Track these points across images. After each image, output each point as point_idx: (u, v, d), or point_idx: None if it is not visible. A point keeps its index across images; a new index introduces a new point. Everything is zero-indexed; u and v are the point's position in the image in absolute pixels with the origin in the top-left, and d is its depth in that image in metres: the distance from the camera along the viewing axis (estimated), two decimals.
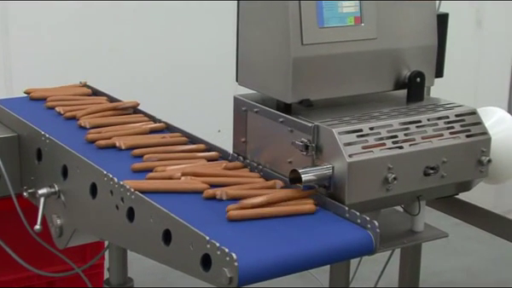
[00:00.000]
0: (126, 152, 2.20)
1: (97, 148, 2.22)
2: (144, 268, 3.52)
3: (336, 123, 1.95)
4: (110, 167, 2.00)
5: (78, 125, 2.39)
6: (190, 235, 1.66)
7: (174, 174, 2.02)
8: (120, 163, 2.12)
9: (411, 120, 2.02)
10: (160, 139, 2.28)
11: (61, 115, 2.50)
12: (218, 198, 1.90)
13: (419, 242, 2.31)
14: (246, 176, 2.04)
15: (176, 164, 2.09)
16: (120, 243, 2.05)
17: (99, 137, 2.28)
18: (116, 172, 1.96)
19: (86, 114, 2.47)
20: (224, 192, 1.91)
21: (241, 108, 2.16)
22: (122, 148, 2.23)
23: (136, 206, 1.86)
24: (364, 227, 1.78)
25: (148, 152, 2.17)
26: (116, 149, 2.23)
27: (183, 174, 2.02)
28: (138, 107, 2.55)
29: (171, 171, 2.04)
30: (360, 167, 1.87)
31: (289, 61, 1.98)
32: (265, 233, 1.75)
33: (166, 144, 2.26)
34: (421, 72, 2.14)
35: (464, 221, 2.37)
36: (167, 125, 2.41)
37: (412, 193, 2.01)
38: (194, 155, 2.17)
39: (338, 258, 1.76)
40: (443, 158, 2.00)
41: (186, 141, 2.28)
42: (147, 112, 2.50)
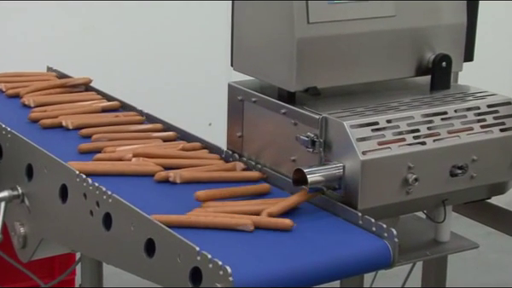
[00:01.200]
0: (74, 133, 2.28)
1: (42, 128, 2.26)
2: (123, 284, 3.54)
3: (348, 115, 1.96)
4: (54, 148, 2.06)
5: (22, 104, 2.45)
6: (177, 245, 1.68)
7: (124, 155, 2.09)
8: (66, 144, 2.17)
9: (436, 111, 2.03)
10: (112, 118, 2.36)
11: (3, 92, 2.54)
12: (171, 181, 1.96)
13: (444, 254, 2.33)
14: (204, 158, 2.11)
15: (128, 144, 2.16)
16: (95, 254, 2.07)
17: (44, 116, 2.33)
18: (61, 153, 2.02)
19: (31, 92, 2.51)
20: (177, 174, 1.97)
21: (236, 98, 2.18)
22: (69, 128, 2.31)
23: (113, 211, 1.88)
24: (381, 237, 1.80)
25: (97, 132, 2.24)
26: (63, 129, 2.30)
27: (134, 155, 2.09)
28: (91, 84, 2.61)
29: (122, 152, 2.11)
30: (376, 166, 1.89)
31: (293, 43, 1.99)
32: (263, 243, 1.77)
33: (119, 123, 2.33)
34: (448, 56, 2.16)
35: (498, 229, 2.39)
36: (122, 104, 2.48)
37: (436, 197, 2.02)
38: (148, 135, 2.26)
39: (349, 273, 1.78)
40: (473, 155, 2.02)
41: (142, 121, 2.36)
42: (100, 90, 2.56)
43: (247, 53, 2.14)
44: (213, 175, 2.02)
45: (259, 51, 2.10)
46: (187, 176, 1.99)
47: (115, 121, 2.35)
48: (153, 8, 4.06)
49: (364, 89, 2.15)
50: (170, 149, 2.16)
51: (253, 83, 2.18)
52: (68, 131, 2.31)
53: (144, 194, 1.95)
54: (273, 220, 1.81)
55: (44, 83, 2.58)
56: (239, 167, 2.06)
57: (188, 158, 2.10)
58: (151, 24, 4.10)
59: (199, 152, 2.16)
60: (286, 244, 1.77)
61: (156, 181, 2.01)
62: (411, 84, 2.23)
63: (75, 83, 2.60)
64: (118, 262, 1.90)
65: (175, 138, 2.26)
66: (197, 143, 2.21)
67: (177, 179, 1.98)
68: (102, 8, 3.95)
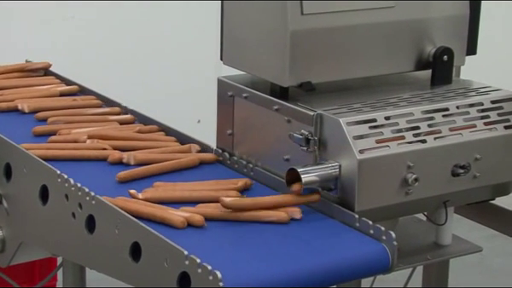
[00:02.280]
0: (30, 116, 2.37)
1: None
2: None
3: (344, 112, 1.97)
4: (9, 131, 2.13)
5: None
6: (164, 249, 1.68)
7: (79, 137, 2.19)
8: (22, 127, 2.27)
9: (437, 108, 2.04)
10: (70, 102, 2.48)
11: None
12: (124, 163, 2.05)
13: (446, 258, 2.34)
14: (159, 140, 2.22)
15: (84, 127, 2.27)
16: (77, 259, 2.07)
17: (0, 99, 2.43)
18: (15, 137, 2.08)
19: None
20: (131, 156, 2.05)
21: (226, 93, 2.18)
22: (25, 112, 2.41)
23: (97, 214, 1.88)
24: (379, 240, 1.80)
25: (53, 115, 2.35)
26: (19, 113, 2.39)
27: (88, 137, 2.18)
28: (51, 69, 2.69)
29: (76, 134, 2.21)
30: (373, 165, 1.90)
31: (286, 35, 2.00)
32: (255, 246, 1.78)
33: (76, 107, 2.44)
34: (449, 49, 2.17)
35: (502, 232, 2.40)
36: (81, 88, 2.59)
37: (437, 198, 2.03)
38: (105, 118, 2.36)
39: (346, 277, 1.79)
40: (475, 154, 2.03)
41: (100, 104, 2.47)
42: (59, 74, 2.67)
43: (238, 46, 2.14)
44: (167, 157, 2.10)
45: (251, 44, 2.10)
46: (140, 158, 2.08)
47: (72, 105, 2.46)
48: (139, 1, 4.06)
49: (362, 84, 2.16)
50: (125, 131, 2.27)
51: (244, 77, 2.18)
52: (24, 115, 2.41)
53: (97, 176, 2.03)
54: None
55: (1, 68, 2.68)
56: (194, 149, 2.15)
57: (143, 141, 2.20)
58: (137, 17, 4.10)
59: (154, 135, 2.25)
60: (279, 247, 1.77)
61: (110, 163, 2.10)
62: (411, 79, 2.23)
63: (34, 67, 2.68)
64: (102, 266, 1.91)
65: (132, 121, 2.37)
66: (154, 126, 2.31)
67: (131, 160, 2.07)
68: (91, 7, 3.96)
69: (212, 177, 2.06)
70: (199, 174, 2.09)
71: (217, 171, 2.13)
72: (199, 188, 1.98)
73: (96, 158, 2.14)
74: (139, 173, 2.04)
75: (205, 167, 2.14)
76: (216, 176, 2.07)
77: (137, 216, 1.82)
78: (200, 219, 1.83)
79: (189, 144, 2.19)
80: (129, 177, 2.02)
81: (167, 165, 2.09)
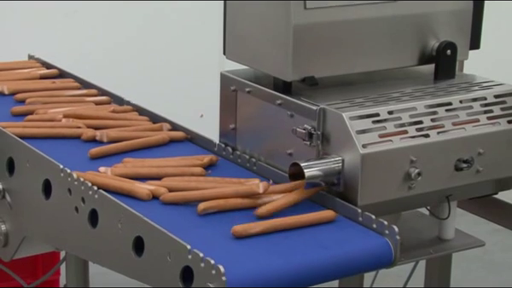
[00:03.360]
0: (10, 98, 2.49)
1: None
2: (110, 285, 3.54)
3: (347, 106, 1.97)
4: None
5: None
6: (168, 243, 1.69)
7: (55, 116, 2.30)
8: (1, 107, 2.38)
9: (440, 102, 2.04)
10: (49, 84, 2.58)
11: None
12: (97, 140, 2.16)
13: (449, 252, 2.34)
14: (133, 119, 2.34)
15: (61, 107, 2.37)
16: (80, 253, 2.07)
17: None
18: None
19: None
20: (104, 133, 2.17)
21: (229, 88, 2.18)
22: (5, 93, 2.53)
23: (100, 208, 1.88)
24: (382, 234, 1.80)
25: (32, 97, 2.46)
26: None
27: (64, 116, 2.30)
28: None
29: (53, 114, 2.32)
30: (376, 160, 1.90)
31: (289, 30, 2.00)
32: (258, 240, 1.77)
33: (55, 89, 2.56)
34: (453, 43, 2.17)
35: (504, 226, 2.40)
36: (61, 71, 2.70)
37: (440, 192, 2.03)
38: (82, 99, 2.49)
39: (348, 272, 1.79)
40: (479, 148, 2.03)
41: (78, 87, 2.59)
42: (40, 59, 2.76)
43: (241, 40, 2.14)
44: (138, 135, 2.21)
45: (254, 38, 2.10)
46: (113, 136, 2.19)
47: (51, 87, 2.58)
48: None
49: (364, 78, 2.16)
50: (100, 111, 2.38)
51: (247, 72, 2.18)
52: (4, 96, 2.52)
53: (71, 153, 2.13)
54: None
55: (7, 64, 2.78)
56: (165, 127, 2.26)
57: (117, 120, 2.32)
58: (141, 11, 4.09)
59: (128, 114, 2.37)
60: (282, 241, 1.77)
61: (84, 141, 2.20)
62: (414, 74, 2.23)
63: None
64: (104, 260, 1.91)
65: (108, 102, 2.47)
66: (128, 106, 2.42)
67: (104, 138, 2.18)
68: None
69: (180, 154, 2.14)
70: (168, 151, 2.18)
71: (186, 149, 2.20)
72: (166, 164, 2.06)
73: (71, 135, 2.24)
74: (110, 150, 2.14)
75: (175, 145, 2.23)
76: (184, 153, 2.15)
77: (106, 189, 1.90)
78: (165, 191, 1.91)
79: (161, 123, 2.29)
80: (100, 154, 2.12)
81: (138, 143, 2.19)
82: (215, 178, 2.00)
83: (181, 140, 2.25)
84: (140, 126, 2.29)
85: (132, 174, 2.01)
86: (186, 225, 1.82)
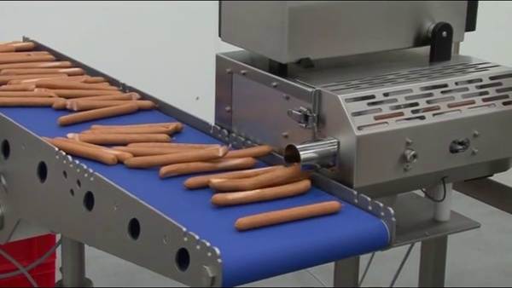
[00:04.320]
0: None
1: None
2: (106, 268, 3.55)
3: (343, 88, 1.96)
4: None
5: None
6: (163, 226, 1.69)
7: (28, 86, 2.38)
8: None
9: (435, 84, 2.04)
10: (23, 56, 2.65)
11: None
12: (68, 109, 2.25)
13: (444, 234, 2.34)
14: (103, 89, 2.42)
15: (34, 78, 2.45)
16: (76, 236, 2.07)
17: None
18: None
19: None
20: (74, 102, 2.27)
21: (224, 70, 2.18)
22: None
23: (95, 191, 1.88)
24: (377, 216, 1.81)
25: (6, 68, 2.52)
26: None
27: (36, 86, 2.38)
28: None
29: (26, 84, 2.40)
30: (372, 142, 1.90)
31: (284, 11, 1.99)
32: None
33: (29, 61, 2.61)
34: (448, 25, 2.16)
35: (500, 208, 2.41)
36: (36, 44, 2.77)
37: (436, 174, 2.04)
38: (55, 70, 2.56)
39: (344, 254, 1.79)
40: (474, 130, 2.03)
41: (52, 59, 2.65)
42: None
43: (236, 22, 2.14)
44: (108, 104, 2.30)
45: (249, 21, 2.09)
46: (83, 104, 2.28)
47: (26, 59, 2.63)
48: None
49: (360, 60, 2.15)
50: (72, 81, 2.47)
51: (243, 54, 2.18)
52: None
53: (42, 120, 2.21)
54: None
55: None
56: (134, 97, 2.35)
57: (88, 89, 2.41)
58: None
59: (99, 85, 2.46)
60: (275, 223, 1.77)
61: (55, 109, 2.28)
62: (409, 55, 2.23)
63: None
64: (100, 243, 1.91)
65: (81, 73, 2.56)
66: (100, 77, 2.50)
67: (74, 107, 2.27)
68: None
69: (148, 122, 2.21)
70: (136, 119, 2.26)
71: (153, 117, 2.28)
72: (132, 131, 2.14)
73: (43, 104, 2.32)
74: (80, 117, 2.22)
75: (143, 113, 2.31)
76: (152, 122, 2.22)
77: (73, 154, 1.97)
78: (130, 156, 1.99)
79: (130, 93, 2.39)
80: (70, 121, 2.21)
81: (106, 111, 2.27)
82: (178, 144, 2.08)
83: (149, 108, 2.33)
84: (110, 95, 2.38)
85: (99, 140, 2.09)
86: (150, 189, 1.88)
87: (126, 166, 1.98)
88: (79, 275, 2.57)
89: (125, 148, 2.04)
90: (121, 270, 3.64)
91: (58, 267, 2.69)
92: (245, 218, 1.74)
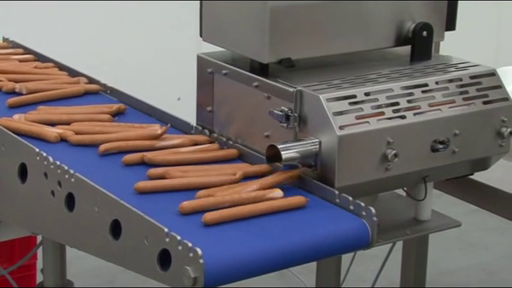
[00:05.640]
0: None
1: None
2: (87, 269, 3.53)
3: (324, 88, 1.97)
4: None
5: None
6: (145, 226, 1.68)
7: None
8: None
9: (416, 83, 2.04)
10: None
11: None
12: (17, 92, 2.33)
13: (426, 233, 2.35)
14: (53, 74, 2.51)
15: None
16: (57, 237, 2.06)
17: None
18: None
19: None
20: (23, 86, 2.34)
21: (206, 70, 2.17)
22: None
23: (76, 192, 1.87)
24: (359, 215, 1.81)
25: None
26: None
27: None
28: None
29: None
30: (353, 142, 1.90)
31: (266, 11, 1.99)
32: (234, 223, 1.77)
33: None
34: (429, 24, 2.17)
35: (481, 207, 2.42)
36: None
37: (417, 174, 2.04)
38: (7, 57, 2.64)
39: (326, 253, 1.79)
40: (454, 129, 2.04)
41: (6, 46, 2.73)
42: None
43: (217, 22, 2.13)
44: (56, 87, 2.38)
45: (230, 20, 2.09)
46: (31, 88, 2.35)
47: None
48: None
49: (341, 60, 2.15)
50: (22, 67, 2.55)
51: (224, 54, 2.17)
52: None
53: None
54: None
55: None
56: (82, 81, 2.44)
57: (37, 74, 2.49)
58: None
59: (49, 70, 2.55)
60: (259, 223, 1.77)
61: (4, 93, 2.35)
62: (390, 55, 2.24)
63: None
64: (82, 244, 1.90)
65: (33, 60, 2.63)
66: (50, 63, 2.59)
67: (23, 90, 2.34)
68: None
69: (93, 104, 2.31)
70: (82, 102, 2.34)
71: (99, 100, 2.37)
72: (75, 112, 2.23)
73: None
74: (27, 100, 2.30)
75: (89, 96, 2.39)
76: (97, 104, 2.32)
77: (17, 132, 2.06)
78: (72, 134, 2.09)
79: (78, 77, 2.48)
80: (18, 103, 2.28)
81: (54, 93, 2.35)
82: (119, 123, 2.18)
83: (95, 92, 2.42)
84: (58, 80, 2.46)
85: (44, 120, 2.17)
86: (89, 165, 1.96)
87: (69, 144, 2.07)
88: (61, 276, 2.56)
89: (67, 127, 2.13)
90: (103, 271, 3.62)
91: (39, 269, 2.68)
92: (211, 213, 1.74)
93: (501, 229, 4.16)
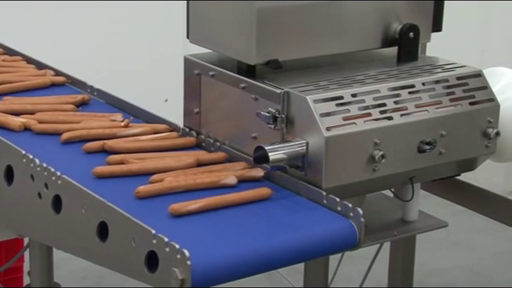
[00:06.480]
0: None
1: None
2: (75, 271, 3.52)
3: (311, 89, 1.97)
4: None
5: None
6: (132, 228, 1.68)
7: None
8: None
9: (403, 85, 2.05)
10: None
11: None
12: None
13: (413, 234, 2.36)
14: (21, 67, 2.58)
15: None
16: (44, 239, 2.05)
17: None
18: None
19: None
20: None
21: (193, 71, 2.17)
22: None
23: (63, 194, 1.87)
24: (346, 216, 1.81)
25: None
26: None
27: None
28: None
29: None
30: (340, 143, 1.90)
31: (253, 13, 1.99)
32: (221, 224, 1.78)
33: None
34: (415, 26, 2.17)
35: (468, 207, 2.42)
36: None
37: (404, 175, 2.04)
38: None
39: (314, 254, 1.79)
40: (441, 130, 2.04)
41: None
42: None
43: (204, 24, 2.13)
44: (23, 79, 2.46)
45: (217, 22, 2.09)
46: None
47: None
48: None
49: (328, 61, 2.16)
50: None
51: (211, 56, 2.17)
52: None
53: None
54: None
55: None
56: (49, 73, 2.51)
57: (5, 67, 2.56)
58: None
59: (17, 63, 2.62)
60: (247, 225, 1.77)
61: None
62: (377, 56, 2.24)
63: None
64: (69, 246, 1.90)
65: (2, 53, 2.69)
66: (18, 56, 2.66)
67: None
68: None
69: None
70: (49, 93, 2.40)
71: (65, 91, 2.43)
72: (40, 102, 2.30)
73: None
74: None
75: (56, 88, 2.46)
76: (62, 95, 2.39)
77: None
78: (35, 123, 2.15)
79: (45, 70, 2.55)
80: None
81: (20, 85, 2.42)
82: (82, 113, 2.26)
83: (62, 84, 2.48)
84: (25, 72, 2.52)
85: (9, 110, 2.23)
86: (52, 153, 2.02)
87: (33, 133, 2.13)
88: (48, 279, 2.54)
89: (31, 116, 2.20)
90: (90, 273, 3.61)
91: (26, 271, 2.67)
92: (177, 204, 1.78)
93: (488, 229, 4.17)
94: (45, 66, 2.57)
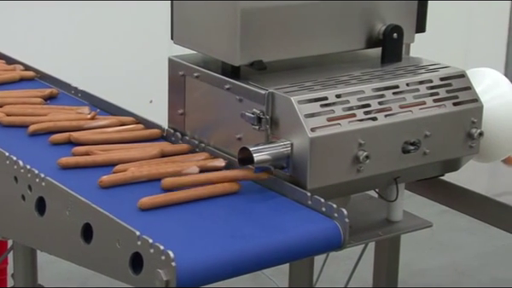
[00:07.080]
0: None
1: None
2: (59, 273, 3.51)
3: (295, 90, 1.97)
4: None
5: None
6: (116, 230, 1.67)
7: None
8: None
9: (387, 85, 2.05)
10: None
11: None
12: None
13: (397, 234, 2.36)
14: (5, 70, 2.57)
15: None
16: (28, 242, 2.05)
17: None
18: None
19: None
20: None
21: (177, 73, 2.17)
22: None
23: (47, 196, 1.86)
24: (331, 217, 1.81)
25: None
26: None
27: None
28: None
29: None
30: (325, 143, 1.90)
31: (237, 13, 1.99)
32: (208, 224, 1.77)
33: None
34: (399, 26, 2.18)
35: (452, 207, 2.43)
36: None
37: (388, 175, 2.05)
38: None
39: (299, 255, 1.79)
40: (425, 131, 2.05)
41: None
42: None
43: (189, 25, 2.13)
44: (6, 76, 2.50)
45: (201, 23, 2.09)
46: None
47: None
48: None
49: (313, 62, 2.16)
50: None
51: (196, 57, 2.17)
52: None
53: None
54: None
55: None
56: (18, 68, 2.53)
57: None
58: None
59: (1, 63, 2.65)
60: (231, 225, 1.77)
61: None
62: (362, 57, 2.24)
63: None
64: (53, 249, 1.89)
65: None
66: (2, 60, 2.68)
67: None
68: None
69: None
70: (18, 88, 2.44)
71: (34, 85, 2.47)
72: (9, 95, 2.34)
73: None
74: None
75: (25, 82, 2.50)
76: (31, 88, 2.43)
77: None
78: (3, 116, 2.19)
79: (13, 65, 2.59)
80: None
81: None
82: (50, 106, 2.30)
83: (31, 78, 2.52)
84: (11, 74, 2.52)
85: None
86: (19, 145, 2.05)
87: (1, 125, 2.17)
88: (32, 281, 2.53)
89: (0, 109, 2.23)
90: (74, 275, 3.60)
91: (10, 274, 2.65)
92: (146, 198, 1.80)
93: (472, 229, 4.19)
94: (15, 61, 2.59)
